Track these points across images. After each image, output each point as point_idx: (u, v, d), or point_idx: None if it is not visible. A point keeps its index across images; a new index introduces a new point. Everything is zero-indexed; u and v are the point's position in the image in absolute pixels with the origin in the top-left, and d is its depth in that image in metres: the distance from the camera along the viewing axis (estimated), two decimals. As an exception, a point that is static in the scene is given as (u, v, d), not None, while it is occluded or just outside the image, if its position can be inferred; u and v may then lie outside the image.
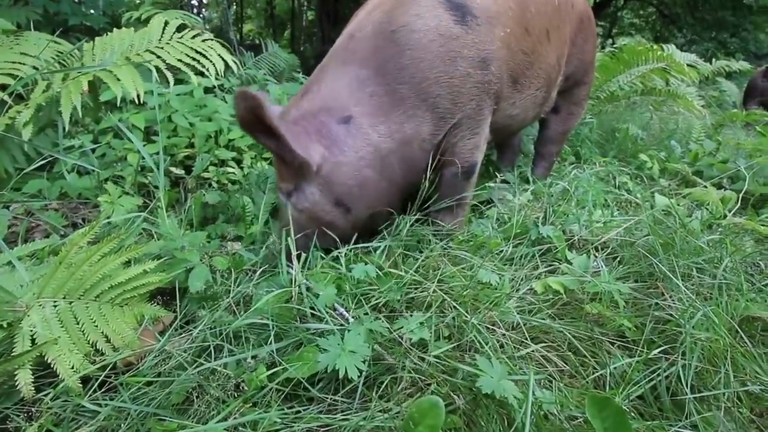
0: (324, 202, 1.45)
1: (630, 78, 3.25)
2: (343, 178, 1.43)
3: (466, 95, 1.53)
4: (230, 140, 2.30)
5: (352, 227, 1.52)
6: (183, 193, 2.11)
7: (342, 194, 1.44)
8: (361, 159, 1.44)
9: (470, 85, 1.53)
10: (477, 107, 1.57)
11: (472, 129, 1.61)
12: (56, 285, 0.98)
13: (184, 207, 1.98)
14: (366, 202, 1.49)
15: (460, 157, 1.64)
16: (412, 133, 1.50)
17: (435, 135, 1.55)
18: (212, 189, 2.14)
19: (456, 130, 1.59)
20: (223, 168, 2.20)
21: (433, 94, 1.49)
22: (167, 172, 2.15)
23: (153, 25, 1.63)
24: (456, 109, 1.53)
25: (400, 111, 1.48)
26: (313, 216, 1.47)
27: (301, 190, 1.45)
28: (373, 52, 1.49)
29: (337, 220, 1.48)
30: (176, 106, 2.19)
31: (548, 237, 1.52)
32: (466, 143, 1.62)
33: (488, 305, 1.19)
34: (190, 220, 1.93)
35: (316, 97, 1.49)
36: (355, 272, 1.19)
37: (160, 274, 1.10)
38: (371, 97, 1.46)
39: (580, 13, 2.06)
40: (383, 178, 1.50)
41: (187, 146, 2.32)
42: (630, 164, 2.87)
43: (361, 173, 1.45)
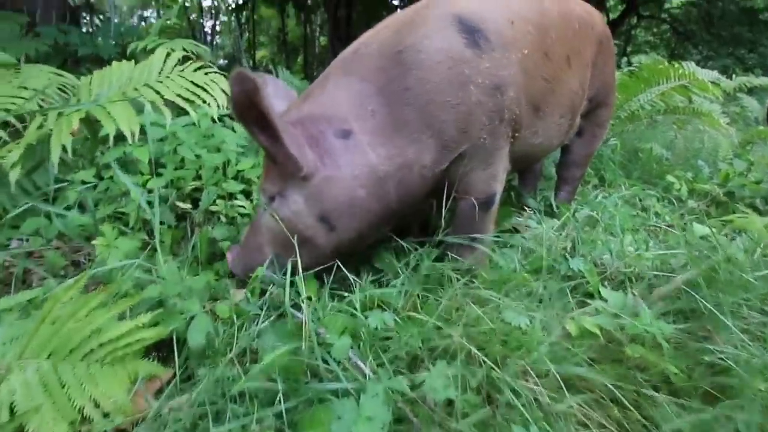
0: (307, 215, 1.37)
1: (651, 97, 3.16)
2: (333, 194, 1.35)
3: (476, 124, 1.44)
4: (239, 171, 2.23)
5: (333, 248, 1.43)
6: (189, 229, 2.03)
7: (328, 210, 1.36)
8: (355, 178, 1.36)
9: (481, 113, 1.44)
10: (490, 137, 1.48)
11: (486, 160, 1.52)
12: (39, 344, 0.89)
13: (190, 244, 1.91)
14: (353, 224, 1.40)
15: (475, 189, 1.55)
16: (413, 158, 1.42)
17: (438, 163, 1.46)
18: (220, 223, 2.06)
19: (466, 161, 1.50)
20: (231, 201, 2.12)
21: (438, 119, 1.41)
22: (173, 207, 2.08)
23: (154, 57, 1.58)
24: (463, 138, 1.45)
25: (402, 134, 1.39)
26: (291, 227, 1.38)
27: (286, 196, 1.38)
28: (377, 70, 1.42)
29: (318, 237, 1.40)
30: (183, 138, 2.13)
31: (579, 271, 1.41)
32: (479, 174, 1.54)
33: (519, 354, 1.08)
34: (197, 257, 1.86)
35: (317, 103, 1.42)
36: (372, 321, 1.09)
37: (155, 329, 1.00)
38: (373, 114, 1.39)
39: (599, 34, 1.98)
40: (376, 201, 1.40)
41: (194, 178, 2.25)
42: (656, 186, 2.75)
43: (353, 192, 1.37)
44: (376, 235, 1.57)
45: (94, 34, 4.27)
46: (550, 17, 1.67)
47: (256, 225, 1.51)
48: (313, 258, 1.44)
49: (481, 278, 1.40)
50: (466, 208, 1.55)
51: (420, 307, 1.25)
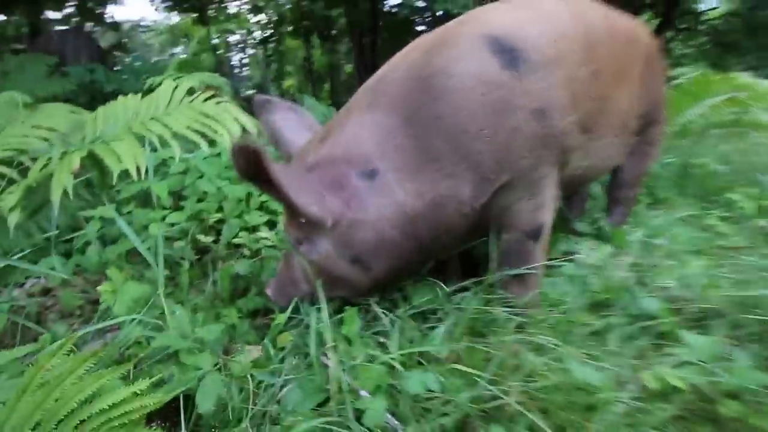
0: (339, 258, 1.30)
1: (702, 110, 2.94)
2: (362, 237, 1.27)
3: (517, 152, 1.29)
4: (263, 203, 2.11)
5: (370, 285, 1.36)
6: (212, 264, 1.91)
7: (360, 253, 1.29)
8: (385, 219, 1.27)
9: (522, 140, 1.29)
10: (534, 165, 1.33)
11: (531, 189, 1.37)
12: (22, 416, 0.75)
13: (211, 280, 1.78)
14: (388, 263, 1.31)
15: (521, 220, 1.39)
16: (447, 194, 1.29)
17: (477, 198, 1.32)
18: (243, 258, 1.93)
19: (509, 193, 1.35)
20: (254, 234, 1.99)
21: (474, 150, 1.27)
22: (194, 241, 1.96)
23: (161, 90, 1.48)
24: (503, 169, 1.30)
25: (433, 168, 1.27)
26: (325, 269, 1.32)
27: (313, 242, 1.31)
28: (403, 98, 1.29)
29: (353, 276, 1.33)
30: (204, 169, 2.03)
31: (651, 312, 1.22)
32: (525, 205, 1.38)
33: (589, 415, 0.90)
34: (218, 294, 1.73)
35: (336, 143, 1.31)
36: (411, 384, 0.92)
37: (157, 394, 0.85)
38: (399, 149, 1.27)
39: (647, 47, 1.81)
40: (409, 241, 1.30)
41: (217, 211, 2.14)
42: (714, 203, 2.52)
43: (383, 234, 1.27)
44: (420, 267, 1.46)
45: (120, 72, 4.31)
46: (596, 33, 1.51)
47: (289, 259, 1.43)
48: (351, 293, 1.38)
49: (534, 321, 1.22)
50: (512, 242, 1.39)
51: (465, 357, 1.08)
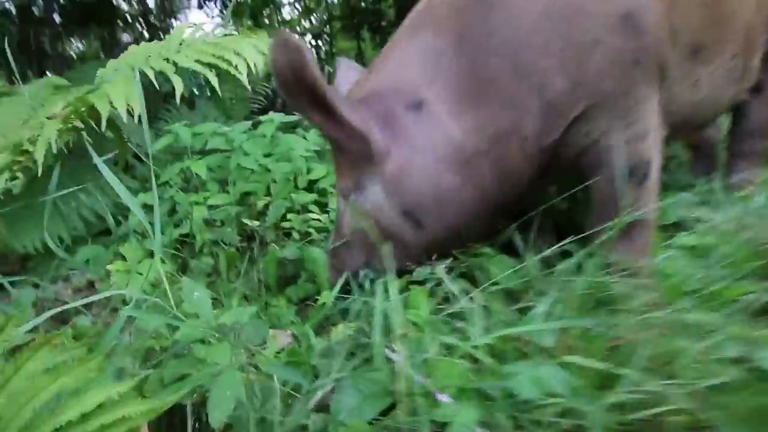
0: (389, 209, 1.11)
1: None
2: (413, 182, 1.08)
3: (596, 71, 1.02)
4: (311, 181, 1.89)
5: (426, 247, 1.15)
6: (258, 249, 1.70)
7: (412, 204, 1.10)
8: (437, 160, 1.06)
9: (603, 55, 1.01)
10: (623, 88, 1.05)
11: (624, 116, 1.07)
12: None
13: (257, 266, 1.57)
14: (443, 218, 1.11)
15: (616, 156, 1.09)
16: (508, 128, 1.05)
17: (546, 132, 1.07)
18: (292, 241, 1.71)
19: (591, 125, 1.07)
20: (304, 215, 1.77)
21: (539, 69, 1.02)
22: (239, 225, 1.76)
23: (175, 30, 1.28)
24: (579, 94, 1.03)
25: (490, 96, 1.04)
26: (374, 224, 1.13)
27: (363, 187, 1.13)
28: (454, 14, 1.08)
29: (406, 234, 1.13)
30: (247, 149, 1.82)
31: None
32: (619, 135, 1.08)
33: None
34: (262, 281, 1.51)
35: (382, 74, 1.13)
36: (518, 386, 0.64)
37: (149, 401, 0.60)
38: (450, 75, 1.06)
39: None
40: (468, 188, 1.08)
41: (265, 194, 1.94)
42: None
43: (438, 178, 1.07)
44: (482, 231, 1.21)
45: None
46: None
47: (338, 224, 1.26)
48: (406, 259, 1.16)
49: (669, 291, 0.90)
50: (606, 186, 1.09)
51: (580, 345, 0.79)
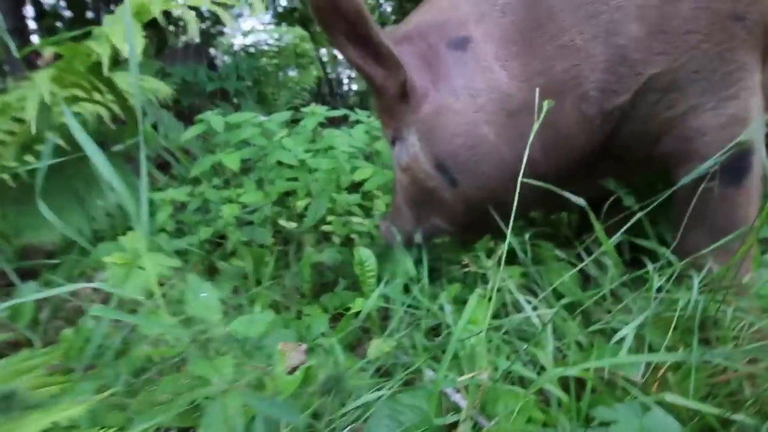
0: (424, 161, 1.02)
1: None
2: (448, 131, 0.96)
3: (682, 19, 0.82)
4: (355, 182, 1.74)
5: (464, 209, 1.05)
6: (294, 253, 1.57)
7: (444, 154, 0.98)
8: (477, 108, 0.93)
9: (694, 5, 0.81)
10: (715, 48, 0.84)
11: (716, 91, 0.86)
12: None
13: (292, 271, 1.44)
14: (478, 177, 0.98)
15: (705, 144, 0.88)
16: (564, 80, 0.88)
17: (612, 92, 0.87)
18: (332, 245, 1.57)
19: (671, 95, 0.86)
20: (345, 218, 1.63)
21: (610, 6, 0.84)
22: (276, 227, 1.64)
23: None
24: (660, 45, 0.83)
25: (547, 37, 0.87)
26: (414, 178, 1.06)
27: (402, 137, 1.05)
28: None
29: (442, 191, 1.03)
30: (286, 143, 1.70)
31: None
32: (709, 118, 0.87)
33: None
34: (299, 288, 1.38)
35: (428, 10, 1.01)
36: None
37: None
38: (504, 12, 0.91)
39: None
40: (508, 146, 0.94)
41: (306, 195, 1.81)
42: None
43: (475, 129, 0.94)
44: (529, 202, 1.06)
45: (221, 71, 4.24)
46: None
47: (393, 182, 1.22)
48: (451, 219, 1.09)
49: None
50: (693, 183, 0.87)
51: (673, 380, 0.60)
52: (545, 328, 0.72)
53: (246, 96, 4.01)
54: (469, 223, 1.07)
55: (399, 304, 1.06)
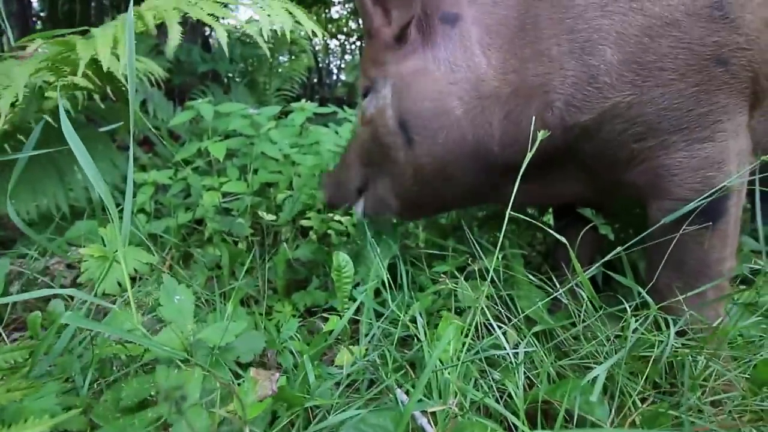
0: (390, 114, 1.02)
1: None
2: (419, 91, 0.97)
3: (660, 55, 0.80)
4: (338, 179, 1.70)
5: (413, 176, 1.04)
6: (270, 245, 1.53)
7: (410, 114, 0.99)
8: (452, 81, 0.94)
9: (676, 39, 0.79)
10: (691, 90, 0.81)
11: (691, 131, 0.83)
12: None
13: (266, 265, 1.39)
14: (435, 145, 0.98)
15: (673, 181, 0.86)
16: (535, 85, 0.87)
17: (576, 107, 0.86)
18: (309, 241, 1.52)
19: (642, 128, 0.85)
20: (324, 214, 1.58)
21: (590, 25, 0.82)
22: (255, 217, 1.59)
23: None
24: (631, 75, 0.82)
25: (526, 40, 0.88)
26: (374, 131, 1.05)
27: (377, 88, 1.05)
28: None
29: (396, 149, 1.03)
30: (273, 136, 1.65)
31: None
32: (679, 156, 0.85)
33: None
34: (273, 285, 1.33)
35: None
36: None
37: None
38: (494, 1, 0.95)
39: None
40: (471, 130, 0.95)
41: (287, 187, 1.76)
42: None
43: (445, 101, 0.95)
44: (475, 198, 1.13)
45: (215, 53, 4.12)
46: None
47: (351, 138, 1.23)
48: (398, 185, 1.08)
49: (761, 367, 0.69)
50: (670, 223, 0.86)
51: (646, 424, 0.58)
52: (517, 359, 0.69)
53: (237, 80, 3.91)
54: (412, 197, 1.08)
55: (371, 313, 1.02)
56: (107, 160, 1.51)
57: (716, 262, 0.87)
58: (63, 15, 4.74)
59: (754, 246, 1.35)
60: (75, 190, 1.60)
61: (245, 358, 0.85)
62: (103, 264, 0.73)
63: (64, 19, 4.64)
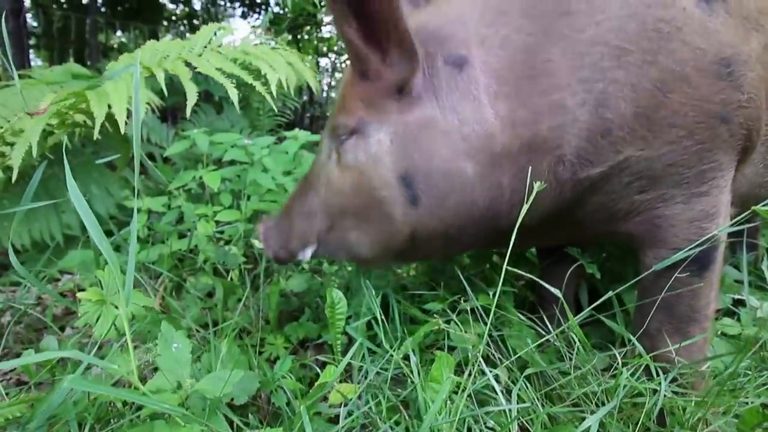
0: (388, 168, 0.86)
1: None
2: (430, 146, 0.84)
3: (671, 112, 0.80)
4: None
5: (409, 234, 0.89)
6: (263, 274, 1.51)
7: (416, 170, 0.85)
8: (462, 137, 0.82)
9: (683, 94, 0.79)
10: (697, 146, 0.82)
11: (690, 185, 0.85)
12: None
13: (259, 294, 1.38)
14: (441, 207, 0.86)
15: (670, 231, 0.88)
16: (546, 138, 0.82)
17: (587, 160, 0.83)
18: (300, 272, 1.52)
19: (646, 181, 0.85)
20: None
21: (606, 77, 0.79)
22: (248, 245, 1.58)
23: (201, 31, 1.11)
24: (643, 130, 0.81)
25: (538, 90, 0.81)
26: (363, 182, 0.88)
27: (366, 132, 0.88)
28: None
29: (394, 205, 0.87)
30: (267, 164, 1.64)
31: None
32: (677, 209, 0.87)
33: None
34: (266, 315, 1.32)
35: (436, 12, 0.90)
36: None
37: None
38: (504, 42, 0.82)
39: None
40: (481, 190, 0.85)
41: (279, 213, 1.75)
42: None
43: (456, 159, 0.83)
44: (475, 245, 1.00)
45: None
46: None
47: (309, 180, 1.01)
48: (384, 241, 0.92)
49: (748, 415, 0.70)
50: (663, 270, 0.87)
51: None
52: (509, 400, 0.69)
53: (230, 101, 3.89)
54: (397, 251, 0.94)
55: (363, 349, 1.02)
56: (102, 188, 1.49)
57: (704, 306, 0.88)
58: (58, 32, 4.72)
59: (737, 276, 1.38)
60: (67, 213, 1.58)
61: (239, 400, 0.84)
62: (100, 308, 0.72)
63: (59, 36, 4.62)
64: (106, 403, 0.68)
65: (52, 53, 4.62)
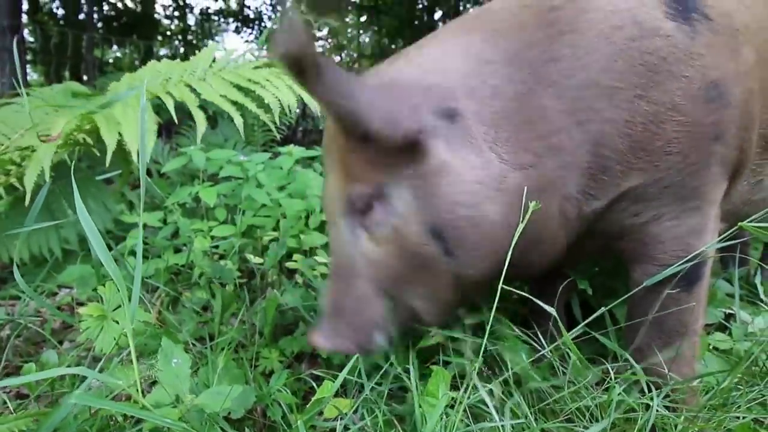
0: (417, 222, 0.81)
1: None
2: (451, 194, 0.80)
3: (666, 141, 0.82)
4: (324, 222, 1.71)
5: (455, 284, 0.85)
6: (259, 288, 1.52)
7: (444, 222, 0.80)
8: (477, 179, 0.80)
9: (676, 122, 0.81)
10: (694, 166, 0.84)
11: (682, 204, 0.87)
12: None
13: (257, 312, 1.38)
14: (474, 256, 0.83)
15: (658, 248, 0.89)
16: (553, 177, 0.82)
17: (591, 197, 0.85)
18: (296, 286, 1.52)
19: (641, 205, 0.87)
20: (311, 257, 1.58)
21: (600, 117, 0.81)
22: (241, 261, 1.58)
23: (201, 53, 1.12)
24: (640, 162, 0.83)
25: (535, 135, 0.81)
26: (402, 247, 0.82)
27: (387, 196, 0.81)
28: (515, 26, 0.85)
29: (435, 262, 0.83)
30: (261, 179, 1.65)
31: None
32: (666, 225, 0.88)
33: None
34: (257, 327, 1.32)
35: (409, 65, 0.85)
36: None
37: None
38: (492, 94, 0.81)
39: None
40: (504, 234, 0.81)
41: (274, 228, 1.76)
42: None
43: (479, 204, 0.80)
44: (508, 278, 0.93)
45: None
46: None
47: (339, 270, 0.91)
48: (442, 298, 0.87)
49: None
50: (653, 285, 0.88)
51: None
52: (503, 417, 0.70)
53: (224, 116, 3.91)
54: (448, 301, 0.90)
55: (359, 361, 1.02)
56: (99, 202, 1.49)
57: (693, 321, 0.90)
58: (54, 47, 4.72)
59: (729, 290, 1.40)
60: (66, 228, 1.57)
61: (236, 414, 0.84)
62: (101, 323, 0.72)
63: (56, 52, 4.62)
64: (107, 416, 0.68)
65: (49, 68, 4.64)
